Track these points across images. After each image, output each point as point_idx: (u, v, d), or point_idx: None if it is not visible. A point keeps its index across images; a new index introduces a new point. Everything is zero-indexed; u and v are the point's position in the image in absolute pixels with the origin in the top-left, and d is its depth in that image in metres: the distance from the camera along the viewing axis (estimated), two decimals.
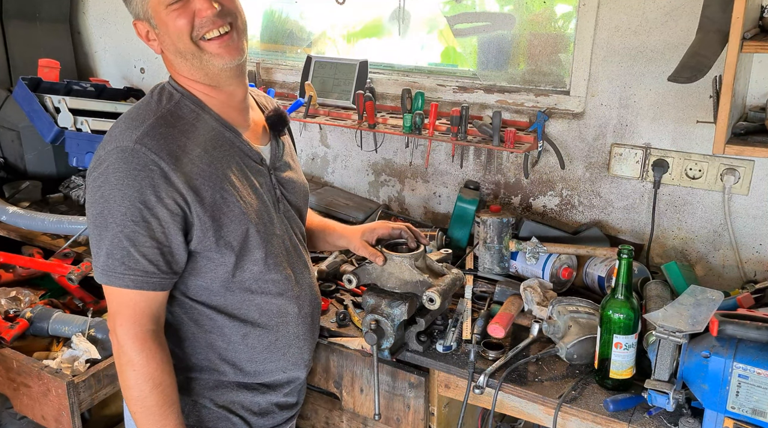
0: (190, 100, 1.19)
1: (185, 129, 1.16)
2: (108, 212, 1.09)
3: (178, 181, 1.10)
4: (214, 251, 1.17)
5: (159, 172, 1.09)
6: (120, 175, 1.08)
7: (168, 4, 1.12)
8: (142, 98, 1.23)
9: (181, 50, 1.15)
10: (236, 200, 1.18)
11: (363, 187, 2.33)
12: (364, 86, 2.09)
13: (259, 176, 1.25)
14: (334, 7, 2.25)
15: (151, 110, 1.16)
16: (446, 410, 1.58)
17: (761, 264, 1.75)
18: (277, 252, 1.26)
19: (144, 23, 1.17)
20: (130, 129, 1.11)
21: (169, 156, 1.10)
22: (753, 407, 1.17)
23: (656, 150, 1.80)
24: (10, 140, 2.48)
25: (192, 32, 1.13)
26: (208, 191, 1.14)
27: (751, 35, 1.34)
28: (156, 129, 1.12)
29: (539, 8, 1.98)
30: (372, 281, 1.47)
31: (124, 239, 1.09)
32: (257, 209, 1.22)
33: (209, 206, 1.14)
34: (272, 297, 1.26)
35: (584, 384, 1.40)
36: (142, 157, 1.08)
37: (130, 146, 1.09)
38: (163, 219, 1.10)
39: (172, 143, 1.12)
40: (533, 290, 1.59)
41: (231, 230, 1.17)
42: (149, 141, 1.09)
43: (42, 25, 2.73)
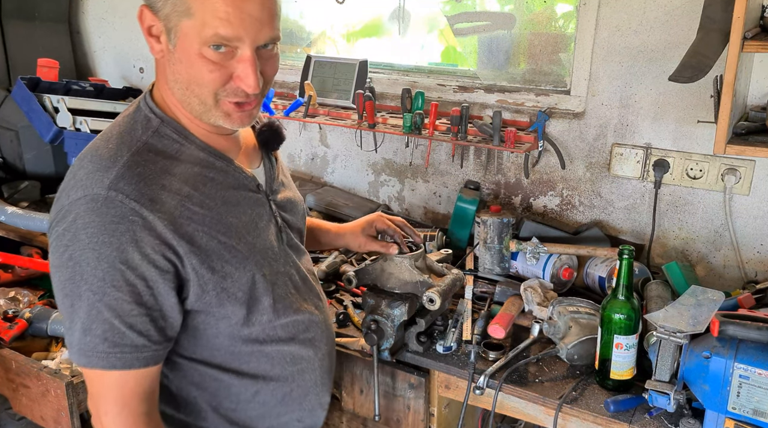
0: (171, 127, 1.00)
1: (168, 165, 0.97)
2: (81, 278, 0.90)
3: (166, 230, 0.92)
4: (215, 307, 1.00)
5: (141, 222, 0.90)
6: (92, 231, 0.89)
7: (208, 44, 0.91)
8: (111, 125, 1.02)
9: (192, 90, 0.96)
10: (237, 243, 1.01)
11: (363, 187, 2.33)
12: (364, 86, 2.09)
13: (257, 206, 1.08)
14: (333, 7, 2.24)
15: (124, 143, 0.96)
16: (446, 411, 1.57)
17: (762, 264, 1.74)
18: (286, 293, 1.10)
19: (157, 22, 0.94)
20: (99, 171, 0.91)
21: (151, 202, 0.92)
22: (754, 407, 1.17)
23: (657, 150, 1.80)
24: (9, 139, 2.48)
25: (218, 90, 0.96)
26: (204, 238, 0.97)
27: (752, 35, 1.34)
28: (132, 169, 0.92)
29: (540, 8, 1.97)
30: (372, 281, 1.47)
31: (104, 309, 0.90)
32: (261, 249, 1.06)
33: (206, 256, 0.97)
34: (284, 344, 1.10)
35: (585, 384, 1.39)
36: (119, 206, 0.89)
37: (102, 193, 0.89)
38: (150, 279, 0.92)
39: (153, 184, 0.93)
40: (534, 291, 1.59)
41: (235, 279, 1.00)
42: (125, 185, 0.91)
43: (41, 24, 2.73)
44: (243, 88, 0.95)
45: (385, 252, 1.42)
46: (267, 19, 0.93)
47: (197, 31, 0.90)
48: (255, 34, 0.92)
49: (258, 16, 0.92)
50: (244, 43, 0.92)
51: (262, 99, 1.03)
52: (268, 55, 0.98)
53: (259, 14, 0.92)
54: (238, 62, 0.94)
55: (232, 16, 0.90)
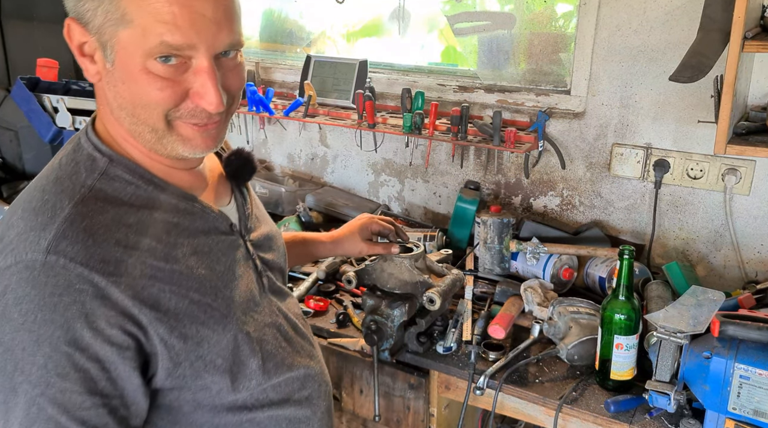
0: (122, 166, 0.82)
1: (121, 214, 0.79)
2: (15, 367, 0.72)
3: (124, 297, 0.74)
4: (191, 380, 0.83)
5: (91, 291, 0.73)
6: (28, 307, 0.71)
7: (154, 56, 0.74)
8: (47, 169, 0.83)
9: (139, 116, 0.79)
10: (213, 300, 0.84)
11: (363, 187, 2.33)
12: (364, 86, 2.09)
13: (232, 251, 0.91)
14: (333, 7, 2.24)
15: (64, 191, 0.77)
16: (446, 411, 1.57)
17: (763, 264, 1.74)
18: (277, 348, 0.94)
19: (89, 37, 0.77)
20: (34, 230, 0.74)
21: (103, 263, 0.74)
22: (754, 408, 1.17)
23: (657, 150, 1.80)
24: (9, 140, 2.47)
25: (170, 110, 0.78)
26: (172, 299, 0.79)
27: (753, 35, 1.34)
28: (77, 224, 0.74)
29: (540, 7, 1.97)
30: (372, 281, 1.47)
31: (47, 405, 0.72)
32: (242, 302, 0.89)
33: (176, 321, 0.79)
34: (277, 408, 0.94)
35: (585, 385, 1.39)
36: (61, 273, 0.72)
37: (38, 259, 0.72)
38: (106, 360, 0.74)
39: (105, 240, 0.75)
40: (534, 291, 1.59)
41: (213, 344, 0.83)
42: (69, 246, 0.73)
43: (40, 24, 2.73)
44: (203, 106, 0.78)
45: (388, 253, 1.40)
46: (224, 20, 0.77)
47: (138, 42, 0.73)
48: (211, 38, 0.76)
49: (212, 16, 0.75)
50: (198, 51, 0.76)
51: (229, 118, 0.86)
52: (231, 65, 0.81)
53: (213, 14, 0.75)
54: (194, 75, 0.77)
55: (179, 18, 0.73)
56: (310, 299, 1.71)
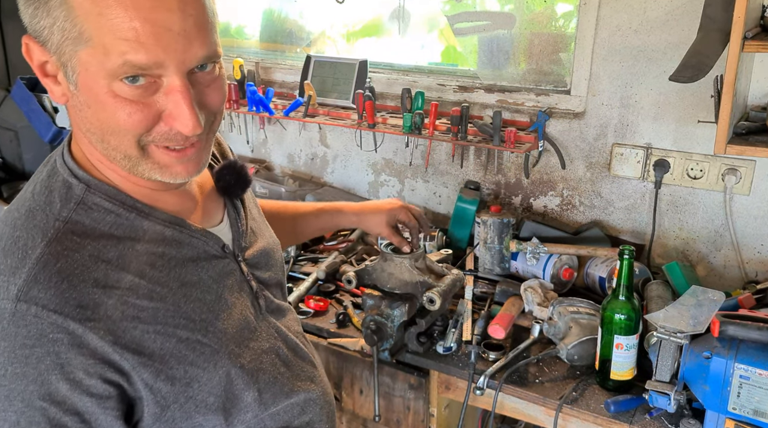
0: (100, 193, 0.75)
1: (100, 249, 0.72)
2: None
3: (103, 343, 0.68)
4: (181, 422, 0.77)
5: (67, 340, 0.67)
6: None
7: (119, 77, 0.67)
8: (20, 198, 0.76)
9: (109, 142, 0.72)
10: (203, 336, 0.78)
11: (363, 187, 2.33)
12: (364, 86, 2.09)
13: (224, 277, 0.84)
14: (333, 6, 2.24)
15: (37, 227, 0.71)
16: (446, 411, 1.57)
17: (763, 265, 1.74)
18: (275, 377, 0.88)
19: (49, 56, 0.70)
20: (3, 274, 0.68)
21: (80, 308, 0.68)
22: (754, 408, 1.17)
23: (657, 150, 1.80)
24: (8, 140, 2.48)
25: (142, 135, 0.71)
26: (157, 341, 0.73)
27: (753, 35, 1.34)
28: (50, 266, 0.68)
29: (540, 7, 1.97)
30: (372, 281, 1.47)
31: None
32: (235, 333, 0.83)
33: (162, 363, 0.73)
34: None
35: (585, 385, 1.39)
36: (33, 323, 0.66)
37: (7, 307, 0.66)
38: (86, 412, 0.69)
39: (82, 282, 0.69)
40: (534, 291, 1.59)
41: (203, 383, 0.77)
42: (41, 292, 0.67)
43: None
44: (178, 129, 0.71)
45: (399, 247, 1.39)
46: (194, 32, 0.68)
47: (100, 62, 0.66)
48: (181, 54, 0.68)
49: (180, 29, 0.67)
50: (167, 68, 0.68)
51: (212, 138, 0.79)
52: (208, 80, 0.73)
53: (180, 27, 0.67)
54: (165, 95, 0.69)
55: (142, 34, 0.65)
56: (310, 299, 1.71)
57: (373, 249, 2.01)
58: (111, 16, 0.64)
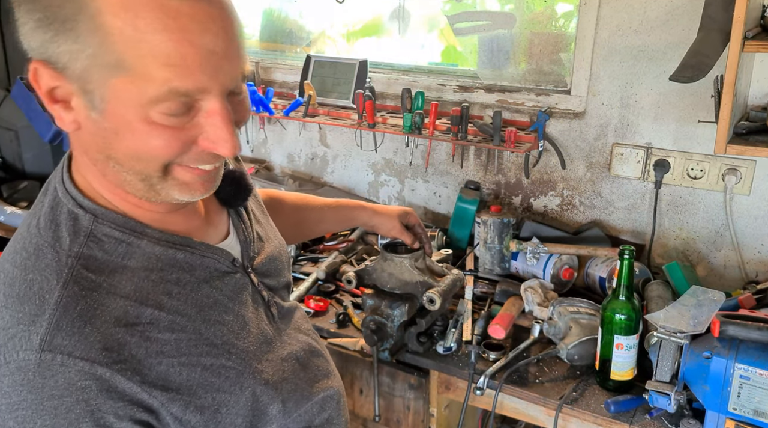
0: (109, 222, 0.72)
1: (115, 284, 0.70)
2: None
3: (131, 384, 0.67)
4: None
5: (96, 386, 0.65)
6: (26, 413, 0.63)
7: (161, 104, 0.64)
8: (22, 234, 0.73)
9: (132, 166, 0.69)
10: (227, 359, 0.77)
11: (363, 187, 2.33)
12: (364, 86, 2.08)
13: (238, 292, 0.83)
14: (333, 6, 2.24)
15: (49, 267, 0.68)
16: (446, 411, 1.57)
17: (763, 265, 1.74)
18: (296, 384, 0.88)
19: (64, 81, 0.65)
20: (22, 324, 0.65)
21: (105, 351, 0.66)
22: (754, 408, 1.17)
23: (657, 150, 1.79)
24: (9, 139, 2.48)
25: (174, 159, 0.69)
26: (183, 373, 0.72)
27: (753, 35, 1.34)
28: (70, 310, 0.65)
29: (540, 7, 1.97)
30: (372, 281, 1.47)
31: None
32: (256, 349, 0.82)
33: (190, 395, 0.72)
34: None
35: (585, 385, 1.39)
36: (60, 373, 0.63)
37: (32, 358, 0.63)
38: None
39: (104, 323, 0.67)
40: (534, 291, 1.59)
41: (231, 406, 0.77)
42: (65, 339, 0.64)
43: None
44: (219, 152, 0.69)
45: (410, 245, 1.40)
46: (235, 53, 0.68)
47: (139, 91, 0.63)
48: (223, 77, 0.66)
49: (223, 51, 0.65)
50: (210, 92, 0.66)
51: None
52: (239, 98, 0.72)
53: (223, 49, 0.65)
54: (205, 118, 0.67)
55: (189, 59, 0.63)
56: (310, 299, 1.71)
57: (373, 249, 2.01)
58: (155, 42, 0.62)
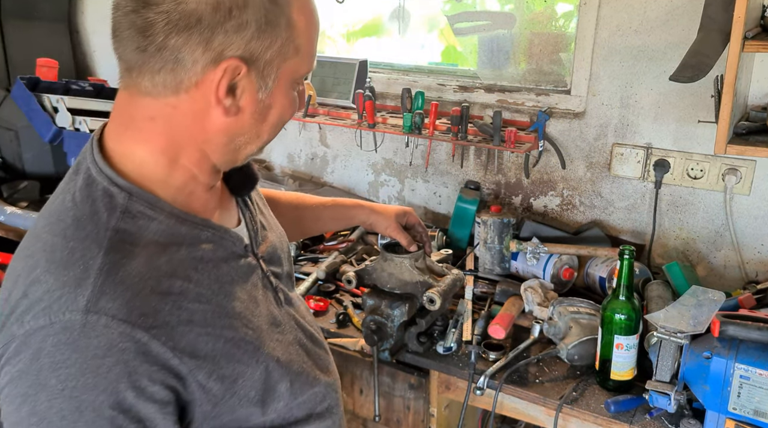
0: (142, 200, 0.76)
1: (150, 256, 0.74)
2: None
3: (165, 349, 0.71)
4: (227, 416, 0.81)
5: (134, 348, 0.69)
6: (68, 372, 0.66)
7: (298, 82, 0.82)
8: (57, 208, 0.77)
9: (262, 135, 0.82)
10: (245, 333, 0.82)
11: (363, 187, 2.33)
12: (364, 86, 2.08)
13: (250, 274, 0.88)
14: (333, 6, 2.24)
15: (89, 237, 0.72)
16: (446, 411, 1.57)
17: (763, 265, 1.74)
18: (301, 366, 0.93)
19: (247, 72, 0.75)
20: (68, 286, 0.68)
21: (143, 316, 0.70)
22: (754, 408, 1.17)
23: (657, 150, 1.79)
24: (9, 139, 2.47)
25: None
26: (209, 343, 0.76)
27: (753, 35, 1.34)
28: (112, 276, 0.69)
29: (540, 7, 1.97)
30: (372, 281, 1.47)
31: None
32: (267, 329, 0.87)
33: (214, 364, 0.77)
34: (303, 425, 0.93)
35: (585, 385, 1.39)
36: (103, 334, 0.67)
37: (77, 319, 0.67)
38: (148, 419, 0.71)
39: (141, 291, 0.71)
40: (534, 291, 1.59)
41: (247, 378, 0.81)
42: (109, 302, 0.68)
43: (40, 24, 2.72)
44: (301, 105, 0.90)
45: (403, 244, 1.40)
46: None
47: (298, 69, 0.80)
48: None
49: None
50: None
51: None
52: None
53: None
54: (298, 93, 0.86)
55: (315, 52, 0.84)
56: (310, 299, 1.71)
57: (373, 249, 2.01)
58: (311, 33, 0.80)
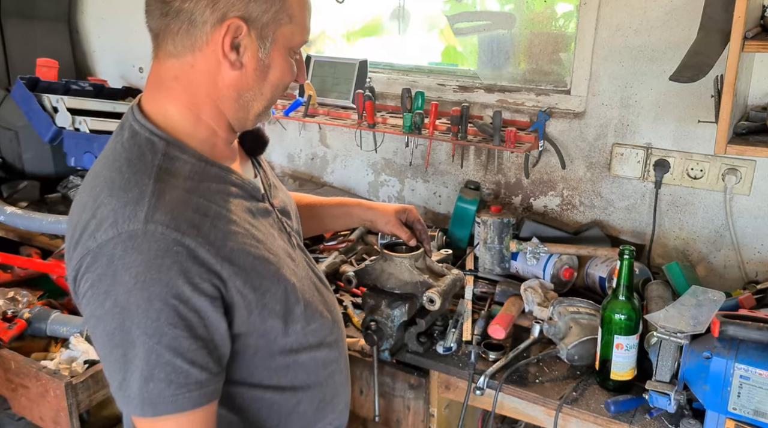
0: (176, 148, 0.94)
1: (189, 187, 0.92)
2: (132, 323, 0.84)
3: (209, 255, 0.88)
4: (259, 325, 0.97)
5: (185, 252, 0.85)
6: (137, 270, 0.83)
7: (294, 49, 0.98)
8: (111, 155, 0.95)
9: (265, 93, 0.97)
10: (268, 255, 0.98)
11: (363, 187, 2.33)
12: (364, 86, 2.09)
13: (267, 214, 1.05)
14: (333, 6, 2.24)
15: (140, 171, 0.89)
16: (446, 411, 1.57)
17: (763, 265, 1.74)
18: (312, 297, 1.08)
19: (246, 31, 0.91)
20: (129, 205, 0.86)
21: (189, 227, 0.87)
22: (754, 408, 1.17)
23: (657, 150, 1.80)
24: (8, 139, 2.47)
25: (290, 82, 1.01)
26: (241, 256, 0.92)
27: (753, 35, 1.34)
28: (162, 197, 0.87)
29: (540, 7, 1.97)
30: (372, 281, 1.47)
31: (164, 351, 0.85)
32: (284, 258, 1.03)
33: (247, 275, 0.93)
34: (315, 350, 1.08)
35: (585, 385, 1.39)
36: (161, 239, 0.84)
37: (139, 228, 0.84)
38: (202, 310, 0.87)
39: (186, 209, 0.88)
40: (534, 291, 1.59)
41: (273, 293, 0.97)
42: (162, 216, 0.85)
43: (40, 24, 2.73)
44: (300, 82, 1.10)
45: (402, 239, 1.42)
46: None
47: (291, 37, 0.96)
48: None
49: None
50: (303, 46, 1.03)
51: None
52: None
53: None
54: (297, 61, 1.01)
55: (309, 23, 1.00)
56: None
57: (373, 249, 2.01)
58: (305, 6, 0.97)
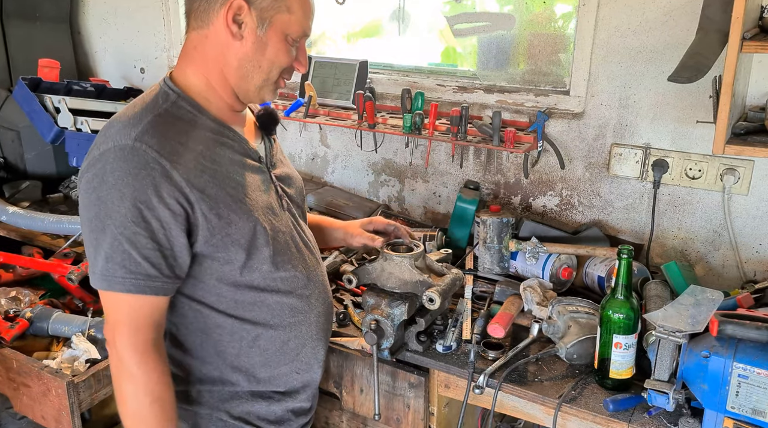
0: (186, 102, 1.15)
1: (185, 128, 1.12)
2: (105, 214, 1.04)
3: (181, 179, 1.06)
4: (220, 251, 1.13)
5: (160, 170, 1.04)
6: (118, 174, 1.03)
7: (294, 37, 1.15)
8: (135, 99, 1.19)
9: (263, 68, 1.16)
10: (243, 197, 1.15)
11: (363, 187, 2.34)
12: (364, 86, 2.09)
13: (259, 173, 1.22)
14: (334, 7, 2.25)
15: (148, 109, 1.12)
16: (446, 410, 1.58)
17: (761, 264, 1.75)
18: (285, 249, 1.22)
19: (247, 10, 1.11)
20: (127, 127, 1.07)
21: (170, 154, 1.06)
22: (753, 407, 1.17)
23: (656, 150, 1.80)
24: (10, 140, 2.48)
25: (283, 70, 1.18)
26: (213, 188, 1.10)
27: (751, 35, 1.34)
28: (155, 127, 1.07)
29: (539, 8, 1.98)
30: (372, 281, 1.47)
31: (124, 241, 1.04)
32: (262, 206, 1.19)
33: (215, 203, 1.10)
34: (283, 296, 1.22)
35: (584, 384, 1.40)
36: (142, 155, 1.04)
37: (129, 144, 1.04)
38: (164, 220, 1.06)
39: (172, 140, 1.08)
40: (533, 290, 1.59)
41: (239, 227, 1.13)
42: (149, 139, 1.05)
43: (42, 25, 2.73)
44: (299, 70, 1.22)
45: (371, 245, 1.48)
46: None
47: (288, 25, 1.13)
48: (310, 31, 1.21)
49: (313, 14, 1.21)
50: (305, 37, 1.20)
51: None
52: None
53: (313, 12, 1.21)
54: (299, 51, 1.19)
55: (312, 21, 1.19)
56: None
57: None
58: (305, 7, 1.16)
